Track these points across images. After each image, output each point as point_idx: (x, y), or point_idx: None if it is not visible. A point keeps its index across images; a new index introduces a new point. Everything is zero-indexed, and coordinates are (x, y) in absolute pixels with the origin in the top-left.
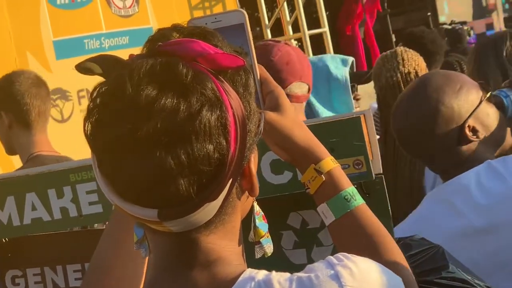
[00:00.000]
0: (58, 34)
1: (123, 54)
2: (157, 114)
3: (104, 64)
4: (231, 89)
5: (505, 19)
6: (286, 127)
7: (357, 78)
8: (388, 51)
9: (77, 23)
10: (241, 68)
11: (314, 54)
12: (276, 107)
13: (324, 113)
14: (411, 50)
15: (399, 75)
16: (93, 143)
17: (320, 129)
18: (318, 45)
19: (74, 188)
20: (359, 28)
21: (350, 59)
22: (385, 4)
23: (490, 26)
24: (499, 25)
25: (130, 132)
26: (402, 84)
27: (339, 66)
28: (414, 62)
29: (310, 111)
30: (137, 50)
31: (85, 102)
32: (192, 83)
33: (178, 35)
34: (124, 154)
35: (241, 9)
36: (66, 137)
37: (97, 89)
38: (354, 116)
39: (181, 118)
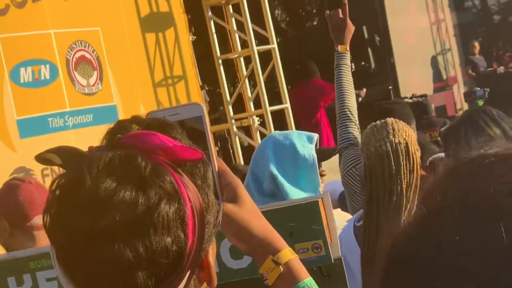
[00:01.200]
0: (21, 112)
1: (87, 132)
2: (115, 207)
3: (64, 156)
4: (189, 181)
5: (465, 94)
6: (244, 218)
7: (323, 155)
8: (378, 121)
9: (41, 101)
10: (200, 161)
11: (275, 129)
12: (234, 198)
13: (293, 192)
14: (401, 121)
15: (388, 144)
16: (52, 235)
17: (279, 214)
18: (279, 121)
19: (34, 275)
20: None
21: (316, 136)
22: None
23: (449, 100)
24: (459, 98)
25: (89, 225)
26: (391, 154)
27: (305, 144)
28: (405, 133)
29: (278, 191)
30: (101, 128)
31: (49, 181)
32: (150, 176)
33: (137, 127)
34: (83, 247)
35: (199, 103)
36: None
37: (56, 181)
38: (312, 200)
39: (140, 211)
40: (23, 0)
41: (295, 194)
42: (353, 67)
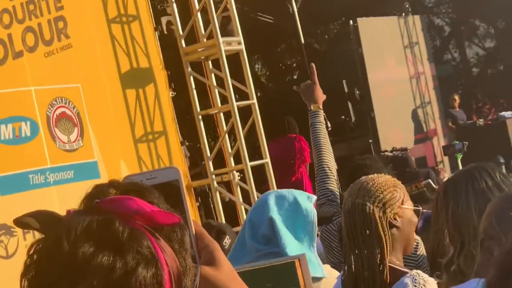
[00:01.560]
0: (2, 169)
1: (68, 189)
2: (93, 272)
3: (42, 220)
4: (167, 246)
5: (444, 147)
6: (221, 281)
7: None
8: (363, 178)
9: (21, 158)
10: (177, 225)
11: (256, 186)
12: (211, 261)
13: (288, 238)
14: (379, 178)
15: (350, 204)
16: None
17: (256, 274)
18: (260, 176)
19: None
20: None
21: (314, 197)
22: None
23: (429, 151)
24: (439, 150)
25: None
26: (348, 213)
27: (306, 200)
28: (371, 193)
29: (274, 236)
30: (82, 184)
31: (30, 238)
32: (128, 241)
33: (115, 191)
34: None
35: (176, 166)
36: (11, 273)
37: (34, 246)
38: (289, 260)
39: (117, 276)
40: (3, 57)
41: (290, 240)
42: (329, 125)
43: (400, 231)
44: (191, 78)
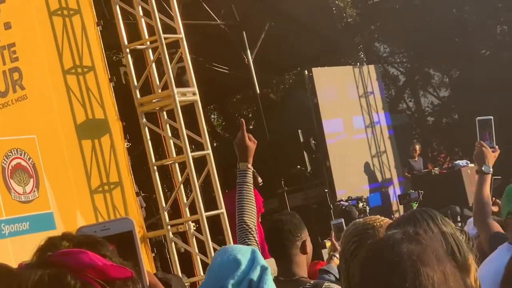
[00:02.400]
0: None
1: (24, 240)
2: None
3: None
4: None
5: (399, 196)
6: None
7: None
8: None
9: None
10: (129, 279)
11: (212, 236)
12: None
13: None
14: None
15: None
16: None
17: None
18: (215, 226)
19: None
20: None
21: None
22: (282, 182)
23: (386, 201)
24: (395, 200)
25: None
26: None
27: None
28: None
29: None
30: (37, 236)
31: None
32: None
33: (68, 243)
34: None
35: (129, 217)
36: None
37: None
38: None
39: None
40: None
41: None
42: (260, 180)
43: None
44: (146, 129)
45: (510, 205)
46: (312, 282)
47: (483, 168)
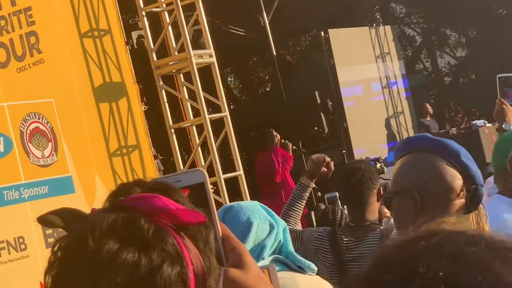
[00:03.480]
0: None
1: (43, 204)
2: (118, 269)
3: (66, 218)
4: (191, 244)
5: None
6: (250, 284)
7: None
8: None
9: None
10: (202, 224)
11: (229, 198)
12: (239, 264)
13: None
14: None
15: None
16: None
17: None
18: (233, 188)
19: None
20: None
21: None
22: (300, 144)
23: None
24: None
25: (90, 287)
26: None
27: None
28: None
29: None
30: (56, 200)
31: (5, 254)
32: (153, 239)
33: (140, 189)
34: None
35: (201, 169)
36: None
37: (59, 243)
38: None
39: (142, 273)
40: None
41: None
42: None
43: None
44: (163, 91)
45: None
46: (381, 227)
47: (503, 126)
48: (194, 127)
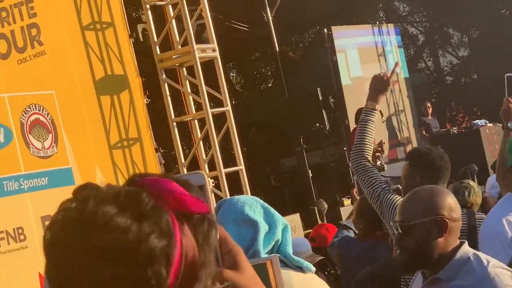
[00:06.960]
0: None
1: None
2: (109, 230)
3: (81, 187)
4: (189, 233)
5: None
6: (243, 285)
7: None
8: None
9: None
10: (206, 218)
11: (230, 193)
12: (234, 265)
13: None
14: None
15: None
16: (48, 249)
17: None
18: (234, 183)
19: None
20: None
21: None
22: (301, 140)
23: (403, 154)
24: None
25: (82, 244)
26: None
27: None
28: None
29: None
30: (56, 191)
31: (4, 244)
32: (149, 212)
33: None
34: (72, 264)
35: (201, 171)
36: None
37: (64, 204)
38: (260, 262)
39: (129, 239)
40: None
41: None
42: (384, 118)
43: None
44: (166, 85)
45: None
46: None
47: (509, 125)
48: (196, 121)
